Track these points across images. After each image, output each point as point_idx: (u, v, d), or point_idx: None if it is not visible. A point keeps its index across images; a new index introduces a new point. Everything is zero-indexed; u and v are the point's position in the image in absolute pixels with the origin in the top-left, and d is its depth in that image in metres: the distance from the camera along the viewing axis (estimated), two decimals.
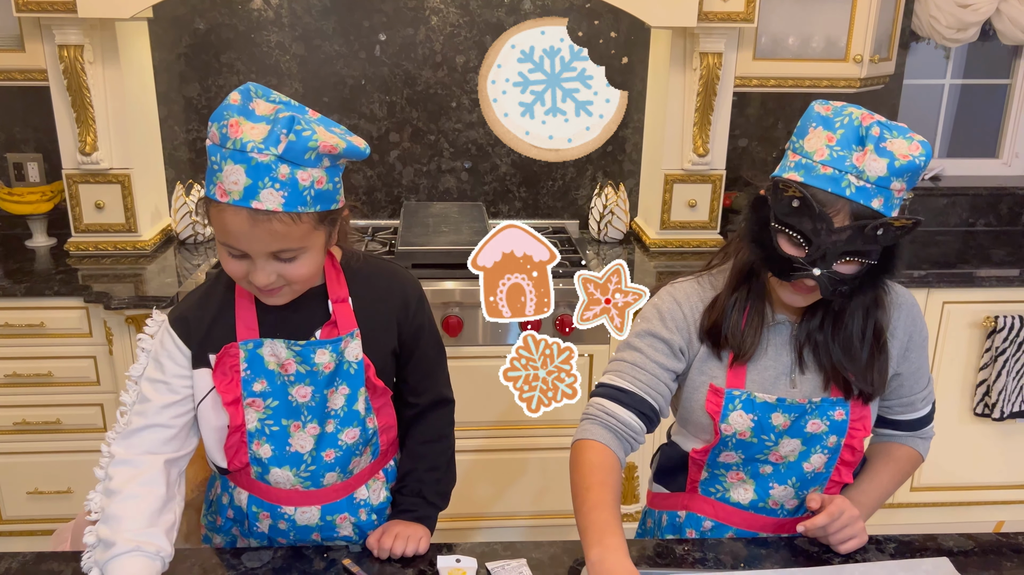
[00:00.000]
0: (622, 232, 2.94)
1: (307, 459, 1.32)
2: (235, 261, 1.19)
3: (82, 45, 2.44)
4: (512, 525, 2.73)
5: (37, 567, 1.27)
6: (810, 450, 1.35)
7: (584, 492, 1.24)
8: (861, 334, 1.30)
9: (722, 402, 1.32)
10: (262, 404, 1.30)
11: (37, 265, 2.64)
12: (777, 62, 2.69)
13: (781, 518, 1.40)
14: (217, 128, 1.12)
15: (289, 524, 1.36)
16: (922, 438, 1.46)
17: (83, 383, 2.51)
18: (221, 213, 1.15)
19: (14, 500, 2.61)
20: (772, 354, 1.34)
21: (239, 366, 1.28)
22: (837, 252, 1.16)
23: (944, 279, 2.66)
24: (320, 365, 1.29)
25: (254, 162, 1.10)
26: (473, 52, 2.90)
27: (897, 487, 1.45)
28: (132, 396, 1.29)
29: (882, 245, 1.17)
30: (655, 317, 1.36)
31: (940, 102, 3.29)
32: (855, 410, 1.33)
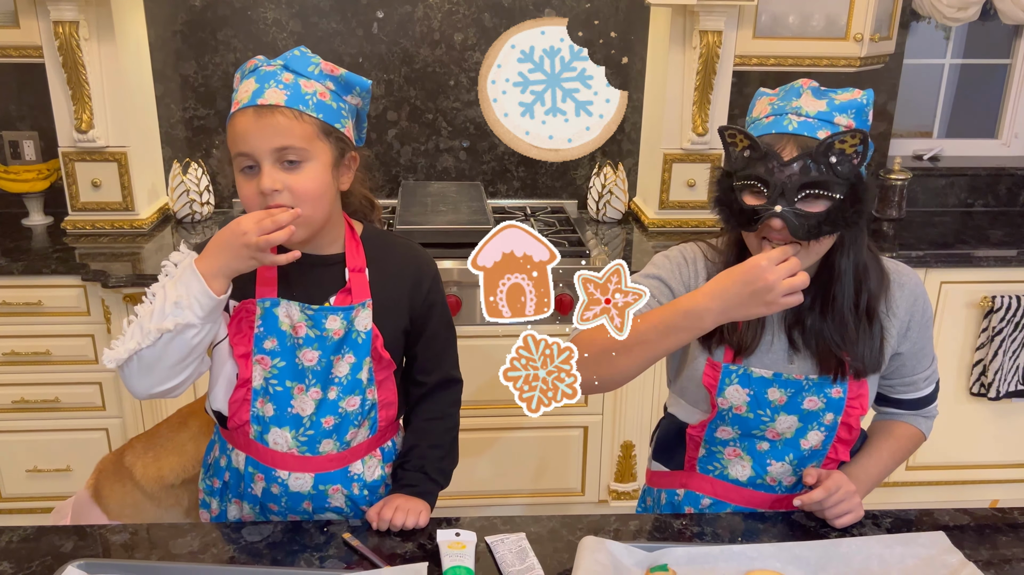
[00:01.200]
0: (621, 212, 2.94)
1: (306, 423, 1.34)
2: (248, 182, 1.24)
3: (77, 21, 2.42)
4: (511, 503, 2.75)
5: (38, 541, 1.28)
6: (807, 427, 1.35)
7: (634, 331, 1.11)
8: (853, 307, 1.30)
9: (719, 376, 1.34)
10: (269, 363, 1.32)
11: (34, 243, 2.63)
12: (777, 40, 2.68)
13: (779, 494, 1.41)
14: (240, 71, 1.28)
15: (282, 489, 1.37)
16: (925, 417, 1.47)
17: (81, 362, 2.51)
18: (232, 121, 1.24)
19: (13, 478, 2.61)
20: (770, 331, 1.34)
21: (254, 322, 1.31)
22: (795, 187, 1.17)
23: (942, 259, 2.66)
24: (330, 331, 1.32)
25: (262, 72, 1.25)
26: (472, 30, 2.88)
27: (897, 465, 1.45)
28: (146, 308, 1.25)
29: (842, 177, 1.17)
30: (665, 265, 1.36)
31: (940, 82, 3.28)
32: (852, 388, 1.33)
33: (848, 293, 1.29)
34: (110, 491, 1.61)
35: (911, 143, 3.31)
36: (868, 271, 1.30)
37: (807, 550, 1.24)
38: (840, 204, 1.18)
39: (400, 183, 2.98)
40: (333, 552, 1.27)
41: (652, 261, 1.40)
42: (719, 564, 1.23)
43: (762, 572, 1.21)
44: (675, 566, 1.21)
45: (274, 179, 1.22)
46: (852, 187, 1.19)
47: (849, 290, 1.29)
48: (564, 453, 2.69)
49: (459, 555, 1.22)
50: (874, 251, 1.34)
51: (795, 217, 1.18)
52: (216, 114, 2.92)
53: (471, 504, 2.72)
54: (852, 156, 1.17)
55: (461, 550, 1.24)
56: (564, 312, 2.50)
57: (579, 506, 2.76)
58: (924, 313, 1.37)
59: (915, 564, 1.22)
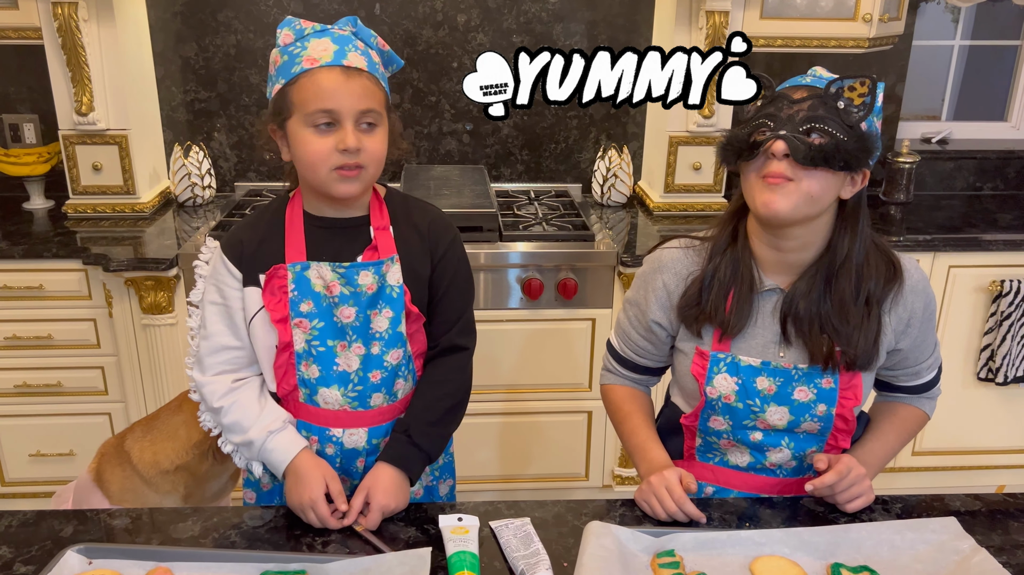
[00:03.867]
0: (625, 196, 2.91)
1: (354, 379, 1.37)
2: (321, 138, 1.26)
3: (76, 2, 2.39)
4: (514, 487, 2.74)
5: (37, 525, 1.26)
6: (799, 419, 1.33)
7: (620, 424, 1.46)
8: (854, 293, 1.28)
9: (707, 364, 1.33)
10: (308, 325, 1.34)
11: (35, 227, 2.61)
12: (785, 21, 2.64)
13: (782, 478, 1.39)
14: (289, 28, 1.29)
15: (337, 448, 1.40)
16: (929, 398, 1.46)
17: (83, 346, 2.50)
18: (313, 77, 1.25)
19: (16, 462, 2.61)
20: (760, 323, 1.33)
21: (287, 287, 1.33)
22: (801, 120, 1.20)
23: (950, 243, 2.63)
24: (363, 286, 1.34)
25: (337, 35, 1.28)
26: (475, 11, 2.85)
27: (903, 445, 1.44)
28: (196, 321, 1.38)
29: (847, 123, 1.19)
30: (642, 287, 1.42)
31: (948, 64, 3.24)
32: (844, 379, 1.31)
33: (850, 277, 1.27)
34: (111, 475, 1.60)
35: (919, 126, 3.28)
36: (870, 259, 1.29)
37: (816, 535, 1.22)
38: (842, 143, 1.19)
39: (403, 166, 2.95)
40: (335, 537, 1.26)
41: (636, 276, 1.45)
42: (726, 549, 1.21)
43: (770, 558, 1.19)
44: (682, 551, 1.20)
45: (356, 137, 1.26)
46: (857, 136, 1.20)
47: (851, 274, 1.27)
48: (568, 438, 2.68)
49: (463, 540, 1.21)
50: (882, 245, 1.33)
51: (797, 140, 1.19)
52: (217, 96, 2.89)
53: (474, 489, 2.71)
54: (860, 108, 1.20)
55: (464, 535, 1.22)
56: (568, 297, 2.48)
57: (583, 491, 2.75)
58: (927, 308, 1.34)
59: (926, 550, 1.21)
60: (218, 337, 1.35)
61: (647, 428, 1.42)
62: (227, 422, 1.35)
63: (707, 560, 1.19)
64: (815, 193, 1.21)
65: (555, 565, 1.18)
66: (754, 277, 1.32)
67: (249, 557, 1.18)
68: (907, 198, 3.00)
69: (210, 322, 1.36)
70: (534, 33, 2.89)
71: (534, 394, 2.62)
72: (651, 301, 1.38)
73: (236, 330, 1.36)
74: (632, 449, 1.41)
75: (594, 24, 2.89)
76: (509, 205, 2.82)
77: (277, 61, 1.30)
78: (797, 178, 1.20)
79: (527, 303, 2.51)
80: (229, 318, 1.35)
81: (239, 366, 1.37)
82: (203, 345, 1.36)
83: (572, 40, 2.90)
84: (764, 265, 1.32)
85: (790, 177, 1.20)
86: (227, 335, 1.35)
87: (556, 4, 2.86)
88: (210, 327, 1.36)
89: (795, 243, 1.29)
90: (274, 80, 1.30)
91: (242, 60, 2.85)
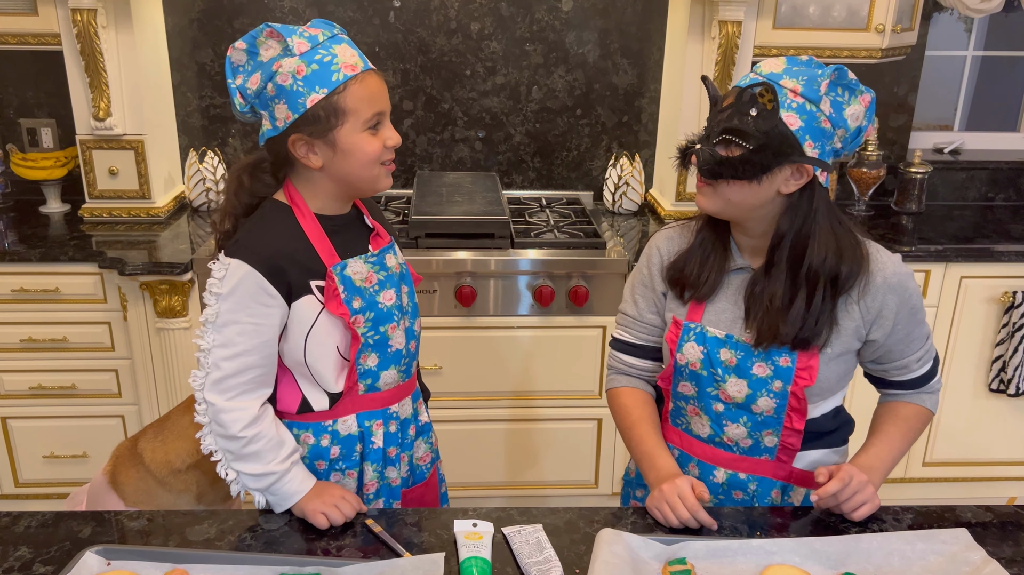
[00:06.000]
0: (637, 204, 2.92)
1: (404, 353, 1.46)
2: (374, 139, 1.33)
3: (95, 9, 2.42)
4: (524, 495, 2.74)
5: (56, 526, 1.28)
6: (756, 393, 1.37)
7: (628, 431, 1.49)
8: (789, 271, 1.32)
9: (680, 332, 1.42)
10: (362, 319, 1.39)
11: (51, 231, 2.64)
12: (797, 31, 2.64)
13: (737, 455, 1.43)
14: (297, 36, 1.28)
15: (396, 422, 1.48)
16: (928, 392, 1.46)
17: (98, 348, 2.52)
18: (363, 83, 1.30)
19: (30, 464, 2.63)
20: (732, 297, 1.40)
21: (337, 289, 1.36)
22: (718, 130, 1.28)
23: (962, 254, 2.63)
24: (391, 268, 1.44)
25: (346, 39, 1.33)
26: (489, 19, 2.87)
27: (909, 446, 1.44)
28: (208, 341, 1.32)
29: (760, 130, 1.24)
30: (645, 266, 1.50)
31: (961, 74, 3.24)
32: (801, 359, 1.34)
33: (786, 255, 1.32)
34: (126, 477, 1.61)
35: (931, 136, 3.27)
36: (820, 244, 1.31)
37: (827, 545, 1.23)
38: (747, 154, 1.25)
39: (415, 173, 2.97)
40: (349, 541, 1.27)
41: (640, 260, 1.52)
42: (737, 558, 1.22)
43: (781, 567, 1.20)
44: (693, 559, 1.20)
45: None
46: (769, 140, 1.24)
47: (787, 252, 1.32)
48: (578, 446, 2.69)
49: (476, 546, 1.22)
50: (854, 231, 1.36)
51: (708, 156, 1.29)
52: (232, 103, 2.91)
53: (483, 495, 2.72)
54: (773, 112, 1.24)
55: (478, 541, 1.23)
56: (579, 304, 2.49)
57: (592, 498, 2.76)
58: (908, 303, 1.36)
59: (937, 561, 1.21)
60: (246, 356, 1.32)
61: (654, 435, 1.45)
62: (246, 451, 1.32)
63: (718, 568, 1.20)
64: (734, 199, 1.31)
65: (567, 572, 1.19)
66: (729, 254, 1.41)
67: (264, 560, 1.19)
68: (919, 208, 3.00)
69: (236, 341, 1.31)
70: (547, 41, 2.90)
71: (544, 401, 2.62)
72: (654, 272, 1.48)
73: (264, 348, 1.33)
74: (639, 457, 1.44)
75: (607, 32, 2.91)
76: (521, 212, 2.83)
77: (301, 71, 1.27)
78: (715, 185, 1.31)
79: (538, 310, 2.52)
80: (259, 337, 1.32)
81: (259, 384, 1.35)
82: (226, 365, 1.31)
83: (585, 49, 2.92)
84: (741, 246, 1.41)
85: (710, 183, 1.32)
86: (255, 354, 1.32)
87: (569, 13, 2.88)
88: (238, 346, 1.31)
89: (753, 230, 1.37)
90: (305, 91, 1.27)
91: None
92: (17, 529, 1.27)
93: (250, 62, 1.31)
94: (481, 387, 2.59)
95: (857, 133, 1.32)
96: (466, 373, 2.56)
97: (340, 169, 1.34)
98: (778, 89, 1.25)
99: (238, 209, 1.39)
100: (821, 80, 1.26)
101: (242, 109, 1.35)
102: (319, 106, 1.28)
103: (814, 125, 1.26)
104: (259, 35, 1.30)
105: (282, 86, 1.28)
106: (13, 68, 2.83)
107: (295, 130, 1.30)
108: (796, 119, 1.25)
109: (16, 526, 1.28)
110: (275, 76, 1.29)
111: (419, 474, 1.59)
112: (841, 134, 1.29)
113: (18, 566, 1.19)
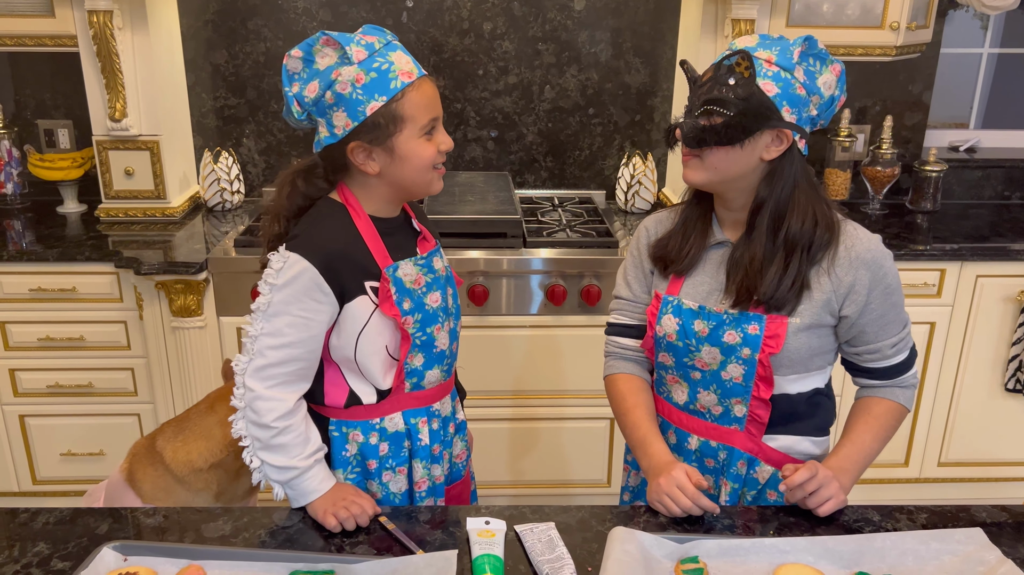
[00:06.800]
0: (649, 202, 2.92)
1: (447, 354, 1.49)
2: (429, 144, 1.35)
3: (111, 11, 2.45)
4: (536, 493, 2.75)
5: (73, 523, 1.30)
6: (727, 360, 1.41)
7: (623, 417, 1.52)
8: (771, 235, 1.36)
9: (660, 306, 1.47)
10: (411, 320, 1.42)
11: (68, 231, 2.67)
12: (811, 29, 2.63)
13: (709, 422, 1.47)
14: (355, 44, 1.29)
15: (439, 420, 1.51)
16: (902, 386, 1.46)
17: (114, 347, 2.54)
18: (419, 90, 1.32)
19: (47, 461, 2.66)
20: (710, 271, 1.45)
21: (390, 291, 1.38)
22: (699, 103, 1.33)
23: (977, 253, 2.61)
24: (438, 271, 1.47)
25: (399, 44, 1.34)
26: (501, 19, 2.87)
27: (883, 444, 1.45)
28: (257, 329, 1.34)
29: (739, 98, 1.29)
30: (635, 247, 1.56)
31: (977, 72, 3.22)
32: (769, 327, 1.37)
33: (765, 220, 1.36)
34: (143, 475, 1.63)
35: (947, 134, 3.25)
36: (796, 210, 1.35)
37: (840, 544, 1.23)
38: (728, 121, 1.30)
39: None
40: (363, 538, 1.28)
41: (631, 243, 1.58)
42: (750, 557, 1.22)
43: (794, 566, 1.20)
44: (706, 558, 1.20)
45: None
46: (747, 107, 1.30)
47: (767, 218, 1.36)
48: (590, 445, 2.69)
49: (488, 543, 1.22)
50: (829, 204, 1.40)
51: (690, 128, 1.34)
52: (246, 103, 2.93)
53: (495, 494, 2.72)
54: (751, 79, 1.30)
55: (491, 538, 1.24)
56: (591, 303, 2.49)
57: (604, 497, 2.76)
58: (882, 281, 1.37)
59: (951, 560, 1.21)
60: (291, 348, 1.33)
61: (648, 422, 1.49)
62: (275, 442, 1.34)
63: (731, 567, 1.20)
64: (719, 166, 1.35)
65: (579, 570, 1.19)
66: (710, 230, 1.46)
67: (279, 556, 1.20)
68: (934, 207, 2.98)
69: (285, 332, 1.33)
70: (559, 41, 2.91)
71: (556, 400, 2.63)
72: (643, 251, 1.54)
73: (310, 343, 1.35)
74: (635, 443, 1.49)
75: (619, 32, 2.91)
76: (533, 211, 2.83)
77: (360, 79, 1.28)
78: (701, 155, 1.36)
79: (550, 309, 2.52)
80: (307, 331, 1.34)
81: (299, 378, 1.37)
82: (271, 354, 1.33)
83: (597, 48, 2.92)
84: (722, 222, 1.45)
85: (696, 154, 1.37)
86: (300, 347, 1.34)
87: (582, 12, 2.88)
88: (286, 337, 1.33)
89: (735, 202, 1.41)
90: (364, 99, 1.28)
91: (271, 67, 2.89)
92: (35, 525, 1.29)
93: (306, 70, 1.32)
94: (493, 386, 2.59)
95: (831, 102, 1.37)
96: (478, 372, 2.56)
97: (396, 174, 1.36)
98: (755, 60, 1.31)
99: (289, 211, 1.41)
100: (793, 49, 1.32)
101: (299, 117, 1.35)
102: (379, 114, 1.29)
103: (790, 92, 1.31)
104: (315, 43, 1.30)
105: (341, 94, 1.29)
106: (31, 70, 2.86)
107: (354, 137, 1.32)
108: (773, 86, 1.30)
109: (34, 522, 1.29)
110: (334, 84, 1.29)
111: (456, 471, 1.61)
112: (816, 100, 1.34)
113: (36, 561, 1.20)
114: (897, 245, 2.60)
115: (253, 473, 1.37)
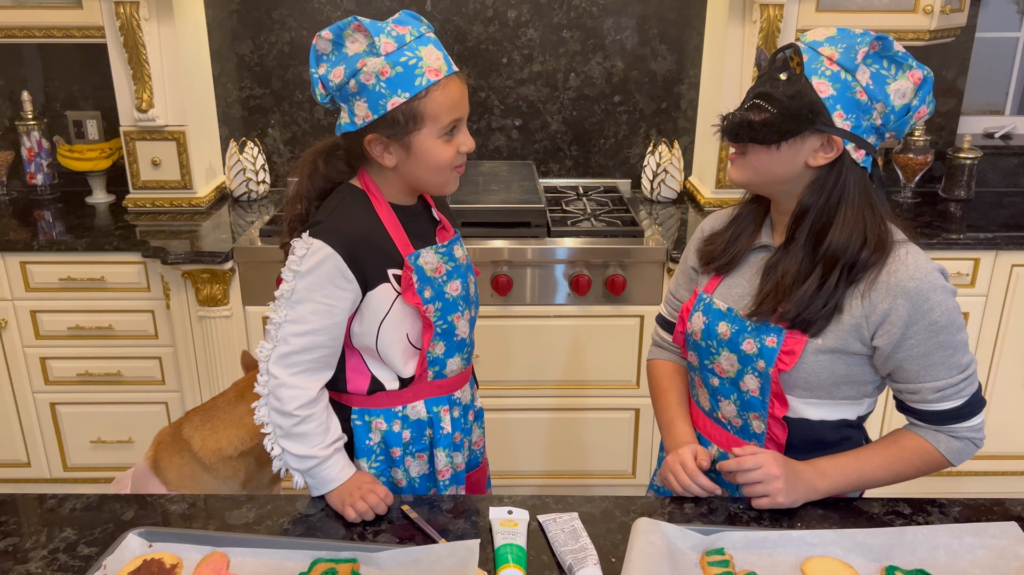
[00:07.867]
0: (675, 191, 2.88)
1: (467, 342, 1.49)
2: (448, 145, 1.32)
3: (138, 2, 2.46)
4: (561, 484, 2.74)
5: (100, 509, 1.31)
6: (744, 370, 1.34)
7: (656, 400, 1.54)
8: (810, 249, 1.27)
9: (695, 302, 1.44)
10: (432, 309, 1.41)
11: (97, 221, 2.69)
12: (842, 14, 2.58)
13: (731, 434, 1.41)
14: (385, 35, 1.25)
15: (459, 408, 1.51)
16: (948, 435, 1.30)
17: (142, 336, 2.57)
18: (445, 90, 1.28)
19: (78, 449, 2.70)
20: (747, 274, 1.39)
21: (412, 279, 1.37)
22: (751, 95, 1.27)
23: (1013, 241, 2.55)
24: (459, 259, 1.46)
25: (433, 38, 1.30)
26: (525, 7, 2.85)
27: (893, 477, 1.32)
28: (281, 316, 1.33)
29: (785, 92, 1.22)
30: (690, 243, 1.53)
31: (1013, 57, 3.14)
32: (787, 343, 1.28)
33: (806, 231, 1.28)
34: (169, 462, 1.64)
35: (981, 121, 3.18)
36: (842, 225, 1.25)
37: (871, 537, 1.20)
38: (768, 119, 1.24)
39: None
40: (385, 527, 1.28)
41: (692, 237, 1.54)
42: (777, 549, 1.19)
43: (823, 559, 1.18)
44: (731, 550, 1.19)
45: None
46: (790, 106, 1.22)
47: (808, 228, 1.28)
48: (615, 435, 2.67)
49: (511, 533, 1.22)
50: (883, 218, 1.28)
51: (733, 121, 1.28)
52: (271, 93, 2.94)
53: (519, 484, 2.72)
54: (800, 75, 1.22)
55: (513, 528, 1.23)
56: (616, 293, 2.47)
57: (629, 488, 2.74)
58: (926, 316, 1.23)
59: (985, 555, 1.18)
60: (315, 335, 1.33)
61: (678, 405, 1.49)
62: (296, 430, 1.34)
63: (757, 559, 1.18)
64: (759, 166, 1.28)
65: (603, 560, 1.18)
66: (758, 232, 1.39)
67: (302, 544, 1.20)
68: (968, 195, 2.92)
69: (308, 319, 1.32)
70: (584, 28, 2.88)
71: (581, 390, 2.61)
72: (691, 248, 1.50)
73: (334, 330, 1.35)
74: (663, 425, 1.50)
75: (645, 19, 2.87)
76: (557, 201, 2.82)
77: (385, 72, 1.25)
78: (744, 153, 1.29)
79: (575, 299, 2.51)
80: (330, 318, 1.33)
81: (322, 366, 1.36)
82: (294, 341, 1.32)
83: (623, 35, 2.89)
84: (775, 225, 1.38)
85: (741, 152, 1.30)
86: (324, 334, 1.33)
87: None
88: (309, 324, 1.32)
89: (783, 206, 1.34)
90: (387, 94, 1.26)
91: (296, 57, 2.90)
92: (63, 511, 1.30)
93: (335, 52, 1.30)
94: (517, 376, 2.59)
95: (904, 111, 1.24)
96: (502, 362, 2.55)
97: (411, 171, 1.35)
98: (815, 56, 1.22)
99: (311, 192, 1.40)
100: (859, 48, 1.20)
101: (322, 99, 1.34)
102: (399, 110, 1.27)
103: (847, 95, 1.21)
104: (346, 27, 1.28)
105: (364, 85, 1.27)
106: (60, 61, 2.89)
107: (372, 129, 1.30)
108: (828, 86, 1.21)
109: (62, 508, 1.31)
110: (359, 74, 1.27)
111: (473, 459, 1.61)
112: (881, 109, 1.23)
113: (63, 547, 1.21)
114: (930, 234, 2.55)
115: (274, 461, 1.37)
